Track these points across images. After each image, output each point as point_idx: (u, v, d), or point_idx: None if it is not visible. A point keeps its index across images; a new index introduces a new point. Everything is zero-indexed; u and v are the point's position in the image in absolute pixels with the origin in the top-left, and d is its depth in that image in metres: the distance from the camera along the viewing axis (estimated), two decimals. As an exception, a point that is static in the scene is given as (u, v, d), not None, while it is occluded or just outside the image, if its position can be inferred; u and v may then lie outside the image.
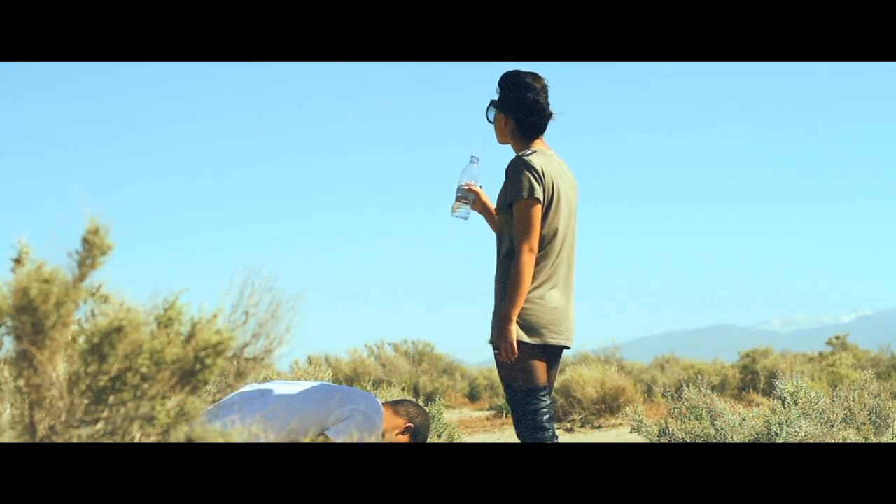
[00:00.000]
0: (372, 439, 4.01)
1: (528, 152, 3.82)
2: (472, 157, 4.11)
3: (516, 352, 3.71)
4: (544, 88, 3.92)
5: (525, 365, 3.75)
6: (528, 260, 3.71)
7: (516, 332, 3.71)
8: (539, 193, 3.74)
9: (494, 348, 3.77)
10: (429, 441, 6.81)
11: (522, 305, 3.73)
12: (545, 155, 3.85)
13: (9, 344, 1.99)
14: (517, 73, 3.92)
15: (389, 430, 4.15)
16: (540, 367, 3.78)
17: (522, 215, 3.73)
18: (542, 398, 3.77)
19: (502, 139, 3.96)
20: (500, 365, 3.81)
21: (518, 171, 3.77)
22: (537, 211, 3.74)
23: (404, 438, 4.19)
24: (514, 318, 3.71)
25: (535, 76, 3.92)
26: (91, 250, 1.96)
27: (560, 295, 3.83)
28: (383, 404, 4.22)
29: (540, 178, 3.75)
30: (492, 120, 3.96)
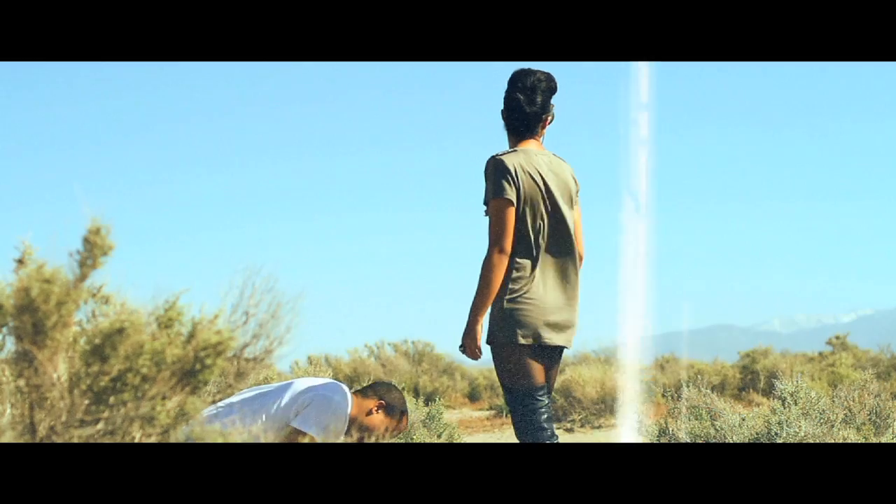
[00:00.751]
0: (335, 419, 3.96)
1: (503, 152, 3.82)
2: None
3: (480, 352, 3.76)
4: (534, 87, 3.84)
5: (521, 365, 3.74)
6: (496, 260, 3.71)
7: (481, 333, 3.76)
8: (510, 193, 3.71)
9: (460, 346, 3.80)
10: (429, 441, 6.81)
11: (516, 306, 3.73)
12: (525, 154, 3.80)
13: (10, 344, 2.00)
14: (516, 70, 3.91)
15: (362, 413, 4.12)
16: (536, 367, 3.77)
17: (493, 215, 3.74)
18: (540, 398, 3.76)
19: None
20: (497, 365, 3.81)
21: (489, 171, 3.78)
22: (509, 211, 3.72)
23: (380, 416, 4.15)
24: (481, 319, 3.75)
25: (527, 74, 3.85)
26: (92, 250, 1.97)
27: (556, 294, 3.80)
28: (353, 393, 4.18)
29: (512, 177, 3.72)
30: None
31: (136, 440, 1.97)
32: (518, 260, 3.77)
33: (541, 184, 3.77)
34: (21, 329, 1.91)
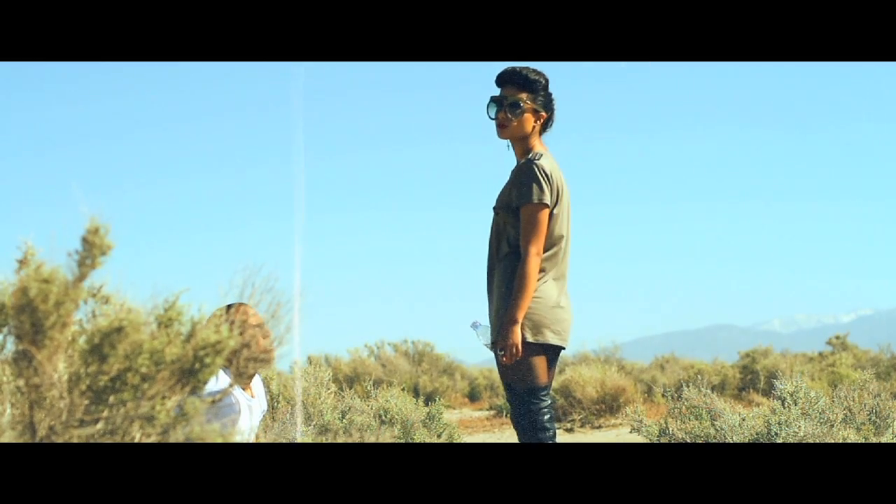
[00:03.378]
0: (216, 408, 3.71)
1: (538, 155, 3.83)
2: (475, 324, 3.98)
3: (521, 353, 3.72)
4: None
5: (527, 364, 3.76)
6: (535, 263, 3.74)
7: (521, 333, 3.73)
8: (548, 198, 3.77)
9: (499, 349, 3.76)
10: (429, 441, 6.80)
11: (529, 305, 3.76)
12: (551, 158, 3.88)
13: (10, 344, 1.99)
14: (537, 71, 3.92)
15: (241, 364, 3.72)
16: (542, 367, 3.79)
17: (531, 219, 3.75)
18: (544, 398, 3.77)
19: (516, 135, 3.91)
20: (501, 364, 3.81)
21: (531, 174, 3.78)
22: (545, 215, 3.77)
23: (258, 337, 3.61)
24: (521, 321, 3.72)
25: (545, 75, 3.97)
26: (91, 250, 1.96)
27: (561, 295, 3.86)
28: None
29: (550, 182, 3.78)
30: (493, 116, 3.92)
31: (136, 440, 1.97)
32: None
33: (562, 189, 3.84)
34: (20, 329, 1.91)
